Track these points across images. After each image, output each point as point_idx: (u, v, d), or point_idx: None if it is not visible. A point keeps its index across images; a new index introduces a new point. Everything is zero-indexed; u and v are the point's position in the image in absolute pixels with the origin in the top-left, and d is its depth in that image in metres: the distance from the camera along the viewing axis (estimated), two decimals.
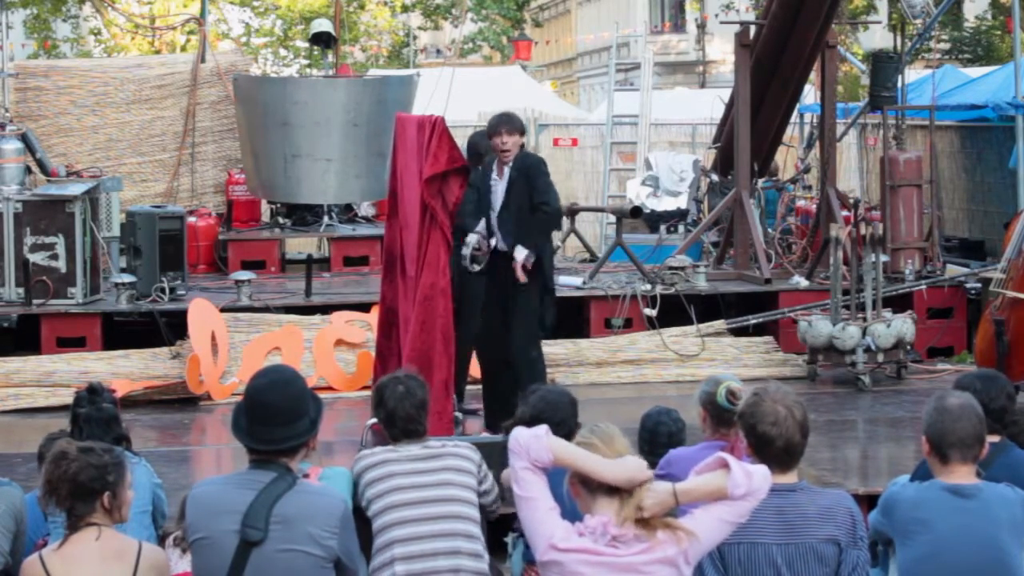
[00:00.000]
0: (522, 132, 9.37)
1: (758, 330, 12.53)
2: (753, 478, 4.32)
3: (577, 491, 4.35)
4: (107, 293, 12.52)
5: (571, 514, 4.35)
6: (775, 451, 4.73)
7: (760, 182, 14.22)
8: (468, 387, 10.08)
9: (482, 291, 9.46)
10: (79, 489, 4.78)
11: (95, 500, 4.79)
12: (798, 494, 4.73)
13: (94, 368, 11.33)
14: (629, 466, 4.25)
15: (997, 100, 15.81)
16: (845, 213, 13.17)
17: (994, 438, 5.58)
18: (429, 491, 5.70)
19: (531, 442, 4.25)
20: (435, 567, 5.56)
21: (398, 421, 5.93)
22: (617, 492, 4.28)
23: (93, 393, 6.34)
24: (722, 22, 23.52)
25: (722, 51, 41.06)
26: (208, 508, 4.78)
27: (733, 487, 4.28)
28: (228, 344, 11.38)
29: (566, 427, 6.02)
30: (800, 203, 14.90)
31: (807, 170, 15.34)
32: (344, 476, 5.99)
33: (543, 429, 4.32)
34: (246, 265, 13.81)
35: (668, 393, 10.97)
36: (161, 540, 6.03)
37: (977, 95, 16.61)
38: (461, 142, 9.29)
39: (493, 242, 9.36)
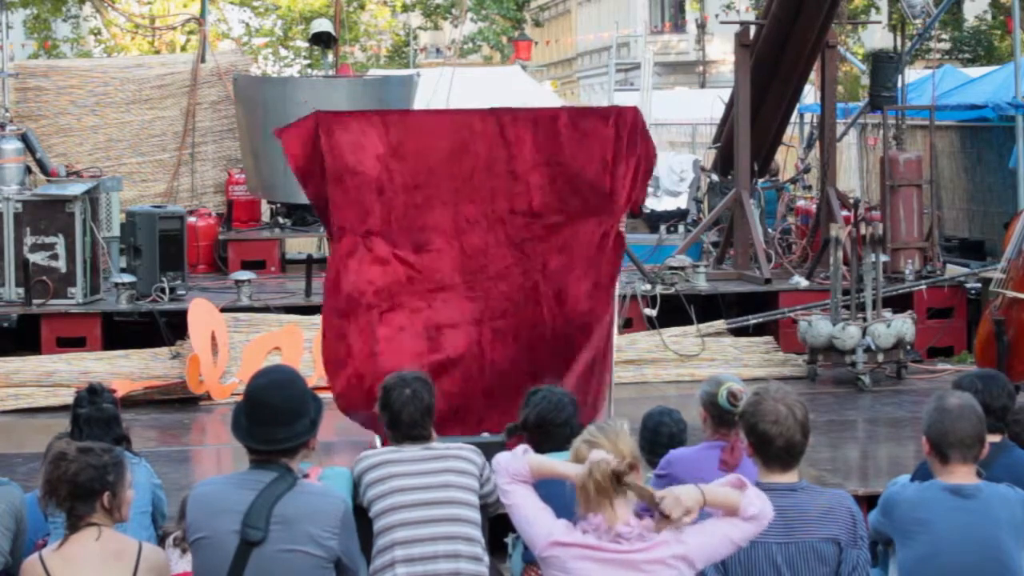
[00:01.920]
0: None
1: (758, 330, 12.52)
2: (765, 503, 4.43)
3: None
4: (107, 293, 12.52)
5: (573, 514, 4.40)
6: (775, 450, 4.73)
7: (759, 182, 14.22)
8: None
9: None
10: (79, 489, 4.78)
11: (95, 500, 4.79)
12: (799, 493, 4.73)
13: (94, 368, 11.33)
14: (592, 459, 4.36)
15: (997, 100, 15.81)
16: (845, 213, 13.17)
17: (995, 438, 5.58)
18: (431, 493, 5.68)
19: (510, 460, 4.56)
20: (435, 570, 5.55)
21: (402, 426, 5.88)
22: (621, 490, 4.33)
23: (93, 394, 6.33)
24: (722, 22, 23.54)
25: (722, 51, 41.05)
26: (209, 508, 4.78)
27: (747, 504, 4.40)
28: (228, 344, 11.38)
29: (569, 427, 6.02)
30: (800, 203, 14.90)
31: (807, 170, 15.34)
32: (344, 476, 5.98)
33: (521, 448, 4.61)
34: (246, 265, 13.80)
35: (668, 393, 10.96)
36: (161, 540, 6.03)
37: (977, 95, 16.61)
38: None
39: None
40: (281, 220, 15.16)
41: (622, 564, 4.31)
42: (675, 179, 16.68)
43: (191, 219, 13.93)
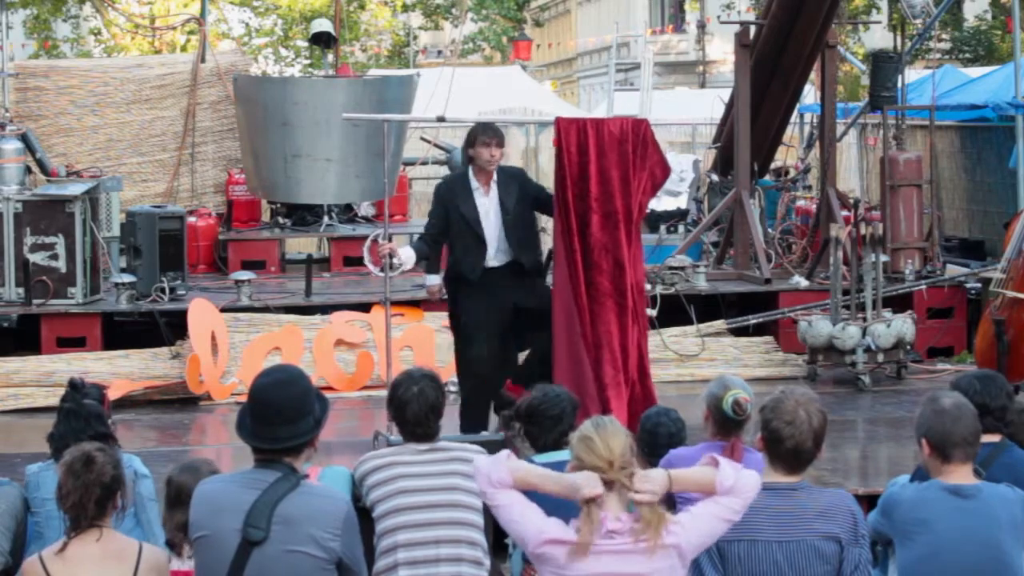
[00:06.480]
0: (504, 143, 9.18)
1: (758, 330, 12.52)
2: (741, 473, 4.44)
3: None
4: (107, 293, 12.52)
5: (569, 510, 4.41)
6: (784, 451, 4.72)
7: (764, 180, 14.20)
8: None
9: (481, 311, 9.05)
10: (106, 491, 4.83)
11: (113, 499, 4.85)
12: (799, 492, 4.74)
13: (94, 368, 11.33)
14: (577, 478, 4.37)
15: (997, 100, 15.82)
16: (845, 213, 13.17)
17: (994, 438, 5.58)
18: (436, 495, 5.68)
19: (491, 466, 4.48)
20: (438, 573, 5.56)
21: (408, 423, 5.90)
22: (612, 487, 4.34)
23: (74, 389, 6.31)
24: (722, 22, 23.52)
25: (722, 51, 41.01)
26: (212, 506, 4.77)
27: (722, 478, 4.41)
28: (228, 344, 11.38)
29: (565, 422, 6.03)
30: (800, 203, 14.90)
31: (807, 170, 15.34)
32: (344, 476, 5.98)
33: (504, 454, 4.54)
34: (246, 265, 13.79)
35: (668, 393, 10.92)
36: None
37: (977, 95, 16.62)
38: (458, 142, 9.15)
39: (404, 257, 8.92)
40: (281, 220, 15.16)
41: (615, 555, 4.33)
42: (675, 179, 16.63)
43: (191, 219, 13.93)
